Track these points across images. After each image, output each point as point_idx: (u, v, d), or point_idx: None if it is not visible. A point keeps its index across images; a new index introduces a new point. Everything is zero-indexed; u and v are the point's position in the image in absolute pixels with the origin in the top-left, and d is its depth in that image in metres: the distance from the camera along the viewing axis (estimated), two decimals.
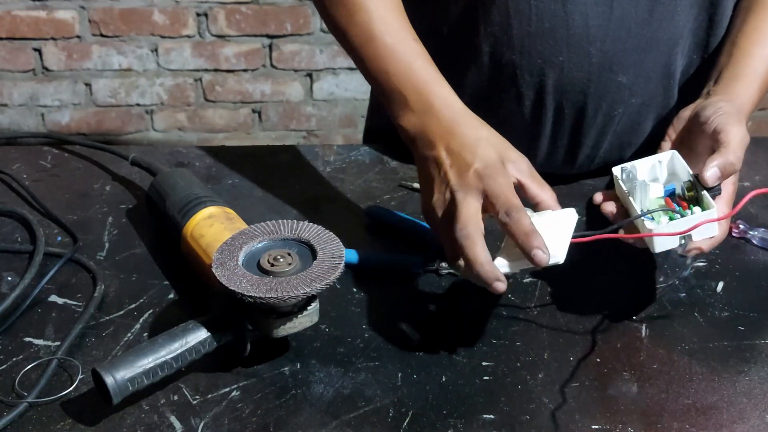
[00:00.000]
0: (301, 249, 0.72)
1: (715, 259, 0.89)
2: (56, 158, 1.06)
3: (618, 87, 0.92)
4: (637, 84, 0.92)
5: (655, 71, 0.93)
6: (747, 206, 0.97)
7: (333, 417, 0.68)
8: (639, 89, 0.93)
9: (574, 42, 0.88)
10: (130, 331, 0.76)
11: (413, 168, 1.05)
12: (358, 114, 2.25)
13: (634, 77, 0.92)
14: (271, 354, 0.74)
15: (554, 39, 0.89)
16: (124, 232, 0.91)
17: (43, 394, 0.69)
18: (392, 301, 0.81)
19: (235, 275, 0.68)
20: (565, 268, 0.86)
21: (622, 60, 0.90)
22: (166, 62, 2.14)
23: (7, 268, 0.84)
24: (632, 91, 0.93)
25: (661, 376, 0.73)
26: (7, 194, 0.98)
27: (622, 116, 0.94)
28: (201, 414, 0.68)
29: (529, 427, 0.67)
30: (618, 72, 0.91)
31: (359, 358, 0.74)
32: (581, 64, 0.90)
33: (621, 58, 0.90)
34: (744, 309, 0.81)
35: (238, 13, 2.09)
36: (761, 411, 0.69)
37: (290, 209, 0.96)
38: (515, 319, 0.79)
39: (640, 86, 0.92)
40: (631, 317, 0.80)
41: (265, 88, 2.19)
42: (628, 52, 0.90)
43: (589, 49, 0.89)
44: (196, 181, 0.89)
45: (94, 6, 2.07)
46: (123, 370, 0.65)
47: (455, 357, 0.74)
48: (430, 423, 0.67)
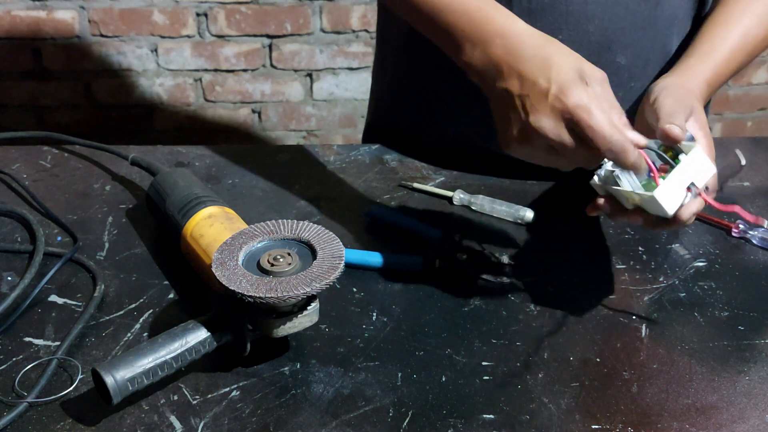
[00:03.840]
0: (301, 249, 0.72)
1: (715, 259, 0.89)
2: (56, 158, 1.06)
3: (617, 69, 0.92)
4: (636, 66, 0.92)
5: (653, 52, 0.94)
6: (747, 206, 0.98)
7: (333, 417, 0.68)
8: (638, 71, 0.93)
9: (573, 20, 0.89)
10: (130, 331, 0.76)
11: (413, 168, 1.06)
12: (358, 114, 2.25)
13: (632, 58, 0.92)
14: (271, 354, 0.74)
15: (553, 16, 0.89)
16: (124, 232, 0.91)
17: (43, 394, 0.69)
18: (392, 301, 0.81)
19: (235, 275, 0.68)
20: (565, 268, 0.87)
21: (620, 39, 0.91)
22: (166, 62, 2.14)
23: (7, 268, 0.84)
24: (631, 73, 0.93)
25: (661, 376, 0.73)
26: (7, 194, 0.98)
27: (621, 101, 0.95)
28: (201, 414, 0.68)
29: (529, 427, 0.67)
30: (617, 51, 0.91)
31: (359, 358, 0.74)
32: (580, 42, 0.90)
33: (619, 36, 0.91)
34: (744, 309, 0.81)
35: (238, 13, 2.09)
36: (761, 411, 0.69)
37: (290, 209, 0.96)
38: (515, 319, 0.79)
39: (638, 68, 0.93)
40: (631, 317, 0.80)
41: (265, 88, 2.19)
42: (626, 30, 0.91)
43: (587, 26, 0.89)
44: (196, 181, 0.89)
45: (94, 6, 2.06)
46: (123, 370, 0.65)
47: (455, 357, 0.74)
48: (430, 423, 0.67)
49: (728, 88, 2.31)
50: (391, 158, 1.08)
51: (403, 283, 0.84)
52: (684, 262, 0.88)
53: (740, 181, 1.04)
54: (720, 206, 0.73)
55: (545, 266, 0.87)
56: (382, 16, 1.12)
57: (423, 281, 0.84)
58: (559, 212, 0.97)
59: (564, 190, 1.02)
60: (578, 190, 1.01)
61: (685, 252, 0.90)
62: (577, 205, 0.99)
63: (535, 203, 0.97)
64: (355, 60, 2.17)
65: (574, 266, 0.87)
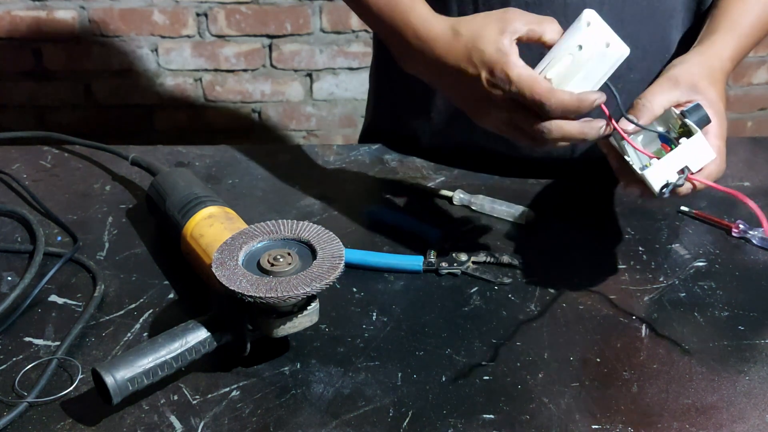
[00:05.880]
0: (301, 249, 0.72)
1: (715, 259, 0.89)
2: (56, 158, 1.06)
3: None
4: (635, 56, 0.93)
5: (653, 44, 0.94)
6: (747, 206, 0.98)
7: (333, 417, 0.68)
8: (637, 62, 0.93)
9: (571, 12, 0.89)
10: (130, 331, 0.76)
11: (413, 168, 1.06)
12: (358, 114, 2.25)
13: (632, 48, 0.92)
14: (271, 354, 0.74)
15: (552, 8, 0.89)
16: (124, 232, 0.91)
17: (43, 394, 0.69)
18: (392, 301, 0.81)
19: (235, 275, 0.68)
20: (565, 268, 0.87)
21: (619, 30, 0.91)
22: (166, 62, 2.14)
23: (7, 268, 0.84)
24: (630, 64, 0.93)
25: (661, 376, 0.73)
26: (7, 194, 0.98)
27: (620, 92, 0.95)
28: (201, 414, 0.68)
29: (529, 427, 0.67)
30: None
31: (359, 358, 0.74)
32: None
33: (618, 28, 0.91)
34: (744, 309, 0.81)
35: (238, 13, 2.09)
36: (761, 411, 0.69)
37: (290, 209, 0.96)
38: (515, 319, 0.79)
39: (637, 60, 0.93)
40: (631, 317, 0.80)
41: (265, 88, 2.19)
42: (625, 22, 0.91)
43: None
44: (196, 181, 0.89)
45: (94, 6, 2.06)
46: (123, 370, 0.65)
47: (455, 357, 0.74)
48: (430, 423, 0.67)
49: (728, 88, 2.31)
50: (391, 158, 1.08)
51: (403, 283, 0.84)
52: (684, 262, 0.88)
53: (740, 181, 1.04)
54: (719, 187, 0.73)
55: (545, 266, 0.87)
56: None
57: (423, 281, 0.84)
58: (559, 212, 0.97)
59: (564, 190, 1.01)
60: (578, 190, 1.01)
61: (685, 252, 0.90)
62: (577, 205, 0.99)
63: (535, 203, 0.97)
64: (355, 60, 2.16)
65: (574, 266, 0.87)
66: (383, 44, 1.12)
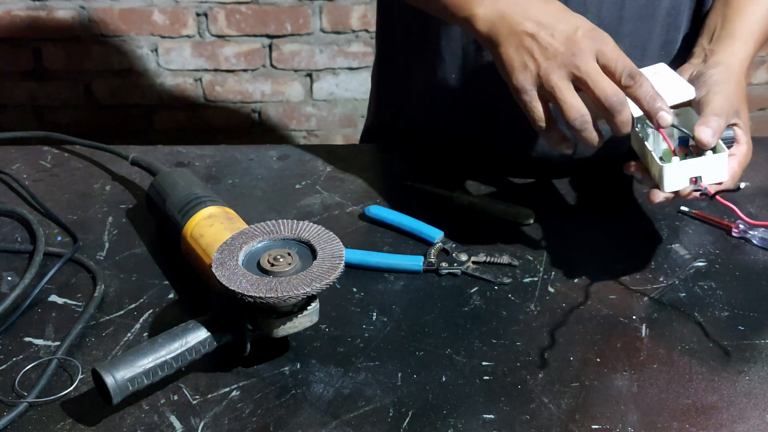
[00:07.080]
0: (301, 249, 0.72)
1: (715, 259, 0.89)
2: (56, 158, 1.06)
3: None
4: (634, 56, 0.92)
5: (652, 43, 0.94)
6: (747, 206, 0.98)
7: (333, 417, 0.68)
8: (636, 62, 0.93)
9: (571, 9, 0.89)
10: (130, 331, 0.76)
11: (413, 168, 1.06)
12: (358, 114, 2.25)
13: (631, 47, 0.92)
14: (271, 354, 0.74)
15: None
16: (124, 232, 0.91)
17: (43, 394, 0.69)
18: (392, 301, 0.81)
19: (235, 275, 0.68)
20: (565, 268, 0.87)
21: (618, 28, 0.91)
22: (166, 62, 2.14)
23: (7, 268, 0.84)
24: None
25: (661, 376, 0.73)
26: (7, 194, 0.98)
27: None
28: (201, 414, 0.68)
29: (529, 427, 0.67)
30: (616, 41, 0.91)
31: (359, 358, 0.74)
32: None
33: (617, 26, 0.91)
34: (744, 309, 0.81)
35: (238, 13, 2.09)
36: (761, 411, 0.69)
37: (290, 209, 0.96)
38: (515, 319, 0.79)
39: (636, 59, 0.93)
40: (631, 317, 0.80)
41: (265, 88, 2.19)
42: (624, 20, 0.91)
43: (585, 16, 0.89)
44: (196, 181, 0.89)
45: (94, 6, 2.06)
46: (123, 370, 0.65)
47: (455, 357, 0.74)
48: (430, 423, 0.67)
49: None
50: (391, 158, 1.08)
51: (403, 283, 0.84)
52: (684, 262, 0.88)
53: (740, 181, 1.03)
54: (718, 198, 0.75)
55: (545, 266, 0.87)
56: (382, 17, 1.12)
57: (423, 281, 0.84)
58: (559, 212, 0.97)
59: (564, 190, 1.01)
60: (578, 190, 1.01)
61: (685, 252, 0.90)
62: (577, 206, 0.99)
63: (535, 203, 0.97)
64: (355, 60, 2.16)
65: (575, 266, 0.87)
66: (386, 44, 1.13)
